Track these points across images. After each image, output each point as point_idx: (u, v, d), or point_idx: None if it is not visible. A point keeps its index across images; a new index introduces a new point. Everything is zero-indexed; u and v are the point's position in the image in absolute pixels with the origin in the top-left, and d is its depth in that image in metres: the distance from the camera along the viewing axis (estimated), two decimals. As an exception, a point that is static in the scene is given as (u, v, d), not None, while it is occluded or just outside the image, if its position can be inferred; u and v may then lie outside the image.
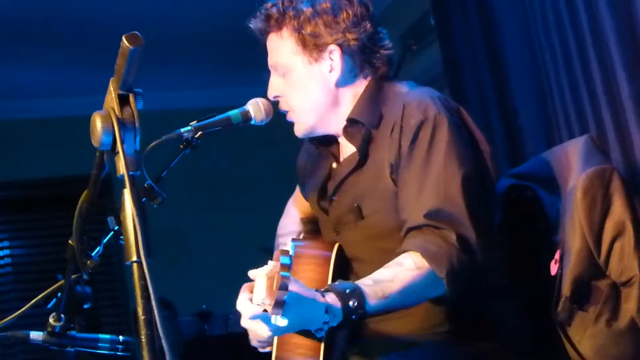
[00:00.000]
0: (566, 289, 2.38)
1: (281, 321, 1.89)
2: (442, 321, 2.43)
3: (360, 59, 2.55)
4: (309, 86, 2.53)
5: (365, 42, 2.53)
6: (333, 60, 2.51)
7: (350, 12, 2.50)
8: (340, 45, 2.50)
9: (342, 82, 2.55)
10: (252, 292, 2.03)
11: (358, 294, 2.10)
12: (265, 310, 1.91)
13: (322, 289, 2.11)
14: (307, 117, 2.56)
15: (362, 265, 2.39)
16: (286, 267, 1.83)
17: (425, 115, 2.37)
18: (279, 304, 1.82)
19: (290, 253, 1.91)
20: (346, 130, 2.57)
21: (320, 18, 2.47)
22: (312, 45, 2.49)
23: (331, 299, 2.07)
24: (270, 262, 1.91)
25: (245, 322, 2.05)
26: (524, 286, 2.60)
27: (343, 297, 2.07)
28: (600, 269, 2.38)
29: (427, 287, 2.24)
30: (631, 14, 3.37)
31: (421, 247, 2.23)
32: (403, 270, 2.21)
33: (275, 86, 2.58)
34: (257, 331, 2.07)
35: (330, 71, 2.52)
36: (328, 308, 2.04)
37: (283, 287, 1.81)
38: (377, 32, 2.59)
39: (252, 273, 2.02)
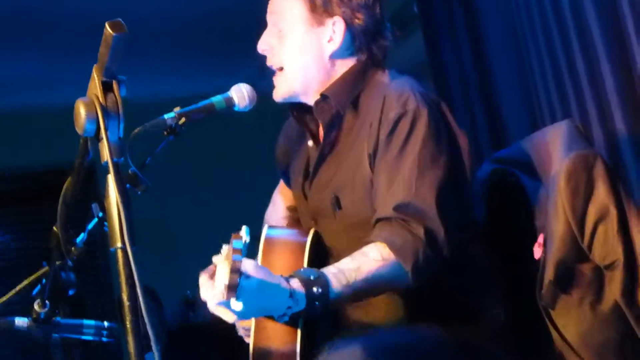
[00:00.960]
0: (550, 272, 2.39)
1: (236, 304, 1.90)
2: (420, 308, 2.43)
3: (360, 40, 2.57)
4: (304, 48, 2.55)
5: (369, 26, 2.56)
6: (335, 33, 2.53)
7: None
8: (345, 20, 2.52)
9: (336, 56, 2.56)
10: (210, 278, 2.06)
11: (322, 281, 2.13)
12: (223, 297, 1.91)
13: (288, 275, 2.13)
14: (293, 79, 2.57)
15: (340, 254, 2.38)
16: (238, 251, 1.86)
17: (405, 108, 2.39)
18: (232, 288, 1.84)
19: (245, 238, 1.91)
20: (317, 105, 2.58)
21: None
22: (320, 12, 2.51)
23: (296, 284, 2.10)
24: (224, 247, 1.92)
25: (211, 308, 2.07)
26: (507, 271, 2.60)
27: (307, 283, 2.11)
28: (584, 252, 2.39)
29: (392, 279, 2.26)
30: (615, 4, 3.38)
31: (388, 239, 2.26)
32: (369, 260, 2.23)
33: (267, 39, 2.59)
34: (223, 317, 2.08)
35: (329, 41, 2.54)
36: (292, 293, 2.07)
37: (234, 270, 1.83)
38: (384, 22, 2.62)
39: (214, 259, 2.05)
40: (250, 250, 2.03)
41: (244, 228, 1.97)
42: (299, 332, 2.30)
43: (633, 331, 2.37)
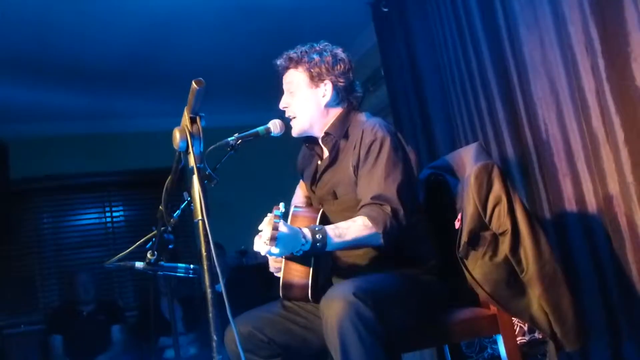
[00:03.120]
0: (464, 237, 2.37)
1: (275, 249, 2.01)
2: (388, 258, 2.42)
3: (342, 94, 2.57)
4: (308, 102, 2.54)
5: (347, 86, 2.57)
6: (326, 91, 2.54)
7: (342, 66, 2.54)
8: (332, 83, 2.53)
9: (329, 105, 2.56)
10: (259, 236, 2.10)
11: (323, 231, 2.18)
12: (267, 244, 1.99)
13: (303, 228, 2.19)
14: (303, 121, 2.56)
15: None
16: (278, 217, 1.98)
17: (375, 136, 2.40)
18: (273, 239, 1.94)
19: (281, 208, 2.02)
20: (323, 139, 2.59)
21: (324, 65, 2.52)
22: (316, 79, 2.53)
23: (306, 232, 2.15)
24: (269, 215, 2.02)
25: (260, 252, 2.11)
26: (439, 235, 2.59)
27: (313, 232, 2.17)
28: (486, 224, 2.36)
29: (369, 238, 2.27)
30: (504, 63, 3.37)
31: (368, 214, 2.28)
32: (355, 225, 2.26)
33: (286, 100, 2.59)
34: (272, 263, 2.20)
35: (323, 96, 2.54)
36: (304, 236, 2.14)
37: (274, 228, 1.95)
38: (355, 82, 2.63)
39: (261, 226, 2.09)
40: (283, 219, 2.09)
41: (282, 203, 2.07)
42: (311, 270, 2.30)
43: (515, 272, 2.35)
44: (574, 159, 2.95)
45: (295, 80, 2.56)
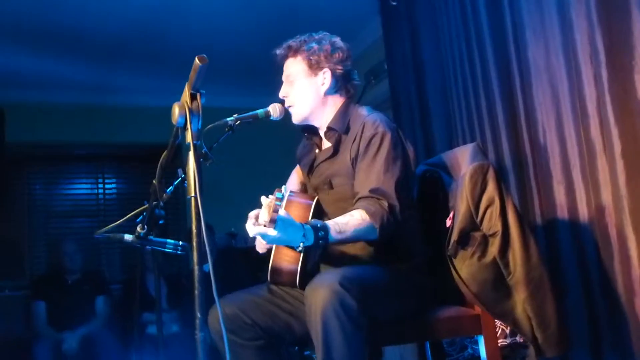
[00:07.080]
0: (455, 236, 2.38)
1: (272, 232, 1.98)
2: (377, 251, 2.43)
3: (341, 82, 2.59)
4: (307, 90, 2.56)
5: (345, 74, 2.59)
6: (325, 79, 2.56)
7: (340, 54, 2.56)
8: (331, 70, 2.55)
9: (328, 93, 2.58)
10: (255, 218, 2.06)
11: (325, 228, 2.17)
12: (265, 226, 1.96)
13: (304, 223, 2.16)
14: (303, 109, 2.58)
15: (331, 217, 2.37)
16: (279, 199, 1.96)
17: (376, 130, 2.42)
18: (272, 220, 1.92)
19: (283, 191, 2.03)
20: (326, 134, 2.61)
21: (322, 53, 2.54)
22: (315, 67, 2.54)
23: (308, 229, 2.13)
24: (270, 196, 1.98)
25: (252, 234, 2.09)
26: (429, 233, 2.60)
27: (315, 229, 2.14)
28: (477, 225, 2.37)
29: (366, 232, 2.27)
30: (508, 66, 3.36)
31: (365, 207, 2.29)
32: (353, 219, 2.25)
33: (285, 89, 2.60)
34: (259, 242, 2.17)
35: (322, 84, 2.56)
36: (305, 234, 2.10)
37: (275, 210, 1.92)
38: (353, 71, 2.64)
39: (263, 200, 2.04)
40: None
41: (284, 186, 2.09)
42: (300, 257, 2.30)
43: (502, 274, 2.35)
44: (570, 166, 2.95)
45: (294, 69, 2.57)
